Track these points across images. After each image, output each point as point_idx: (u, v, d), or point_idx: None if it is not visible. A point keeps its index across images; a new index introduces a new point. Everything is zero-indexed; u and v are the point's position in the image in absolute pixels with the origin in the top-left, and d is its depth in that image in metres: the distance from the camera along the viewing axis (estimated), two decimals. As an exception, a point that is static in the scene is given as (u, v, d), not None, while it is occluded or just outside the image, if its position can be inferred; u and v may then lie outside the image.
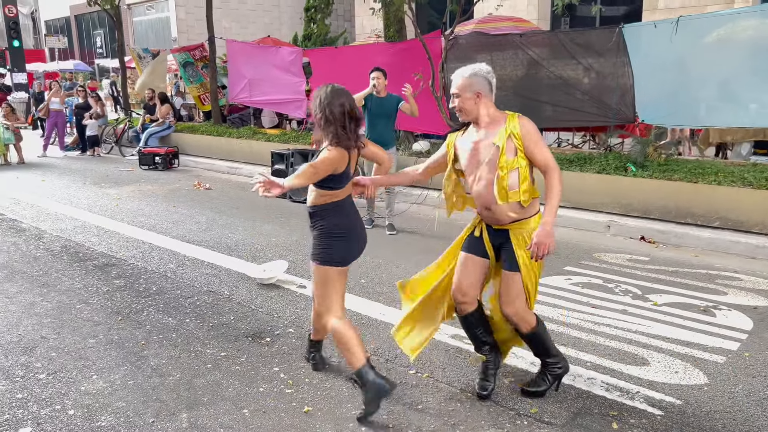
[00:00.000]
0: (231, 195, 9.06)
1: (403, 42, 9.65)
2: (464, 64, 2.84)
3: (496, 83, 3.20)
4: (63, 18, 33.66)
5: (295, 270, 5.45)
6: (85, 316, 4.40)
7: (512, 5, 15.37)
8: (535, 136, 3.03)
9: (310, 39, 19.58)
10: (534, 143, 3.01)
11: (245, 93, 12.03)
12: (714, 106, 6.99)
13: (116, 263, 5.68)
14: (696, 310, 4.50)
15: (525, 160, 3.03)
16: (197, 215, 7.64)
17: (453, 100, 3.13)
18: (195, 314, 4.46)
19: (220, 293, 4.90)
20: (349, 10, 25.51)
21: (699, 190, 6.40)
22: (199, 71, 13.79)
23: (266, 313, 4.48)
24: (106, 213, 7.74)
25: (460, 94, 3.08)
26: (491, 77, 3.11)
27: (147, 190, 9.36)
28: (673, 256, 5.88)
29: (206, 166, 11.70)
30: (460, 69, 3.13)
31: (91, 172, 11.19)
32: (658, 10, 14.19)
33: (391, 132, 6.75)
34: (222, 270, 5.49)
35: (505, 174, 3.02)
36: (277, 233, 6.78)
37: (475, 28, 9.92)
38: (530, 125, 3.04)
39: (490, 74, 3.12)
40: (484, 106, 3.09)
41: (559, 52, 7.96)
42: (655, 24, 7.23)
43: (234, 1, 26.74)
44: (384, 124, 6.59)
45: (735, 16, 7.00)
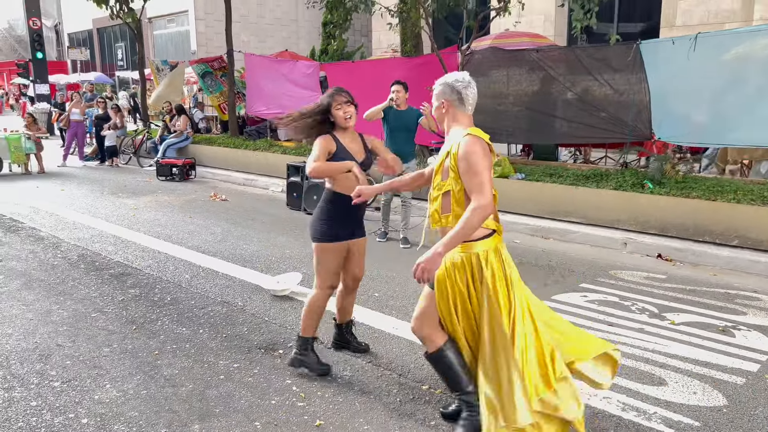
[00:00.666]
0: (246, 206, 9.11)
1: (420, 57, 9.70)
2: (480, 78, 2.87)
3: (513, 99, 3.15)
4: (86, 31, 34.27)
5: (309, 282, 5.42)
6: (100, 325, 4.43)
7: (529, 21, 15.39)
8: (471, 159, 2.71)
9: (328, 53, 19.76)
10: (466, 169, 2.72)
11: (263, 106, 12.14)
12: (732, 124, 6.92)
13: (132, 273, 5.72)
14: (715, 330, 4.43)
15: (459, 184, 2.79)
16: (213, 226, 7.69)
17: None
18: (209, 325, 4.48)
19: (234, 304, 4.91)
20: (366, 25, 25.70)
21: (718, 208, 6.32)
22: (218, 80, 13.93)
23: (279, 325, 4.48)
24: (123, 223, 7.82)
25: (435, 101, 2.98)
26: (463, 87, 2.88)
27: (164, 201, 9.44)
28: (690, 275, 5.80)
29: (223, 177, 11.79)
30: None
31: (110, 182, 11.32)
32: (676, 27, 14.12)
33: (410, 145, 6.80)
34: (236, 281, 5.51)
35: (437, 196, 2.88)
36: (292, 245, 6.80)
37: (492, 43, 9.95)
38: (472, 147, 2.74)
39: (462, 84, 2.89)
40: (451, 117, 2.93)
41: (576, 68, 7.95)
42: (673, 41, 7.20)
43: (253, 15, 27.07)
44: (403, 138, 6.63)
45: (754, 33, 6.94)
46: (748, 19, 13.06)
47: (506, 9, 8.19)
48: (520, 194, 7.79)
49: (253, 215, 8.45)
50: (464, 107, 2.90)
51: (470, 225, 2.66)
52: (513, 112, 8.62)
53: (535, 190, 7.66)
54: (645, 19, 15.73)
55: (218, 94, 14.03)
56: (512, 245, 6.87)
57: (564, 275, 5.74)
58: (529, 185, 7.75)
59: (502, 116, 8.75)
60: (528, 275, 5.65)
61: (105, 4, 14.72)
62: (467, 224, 2.66)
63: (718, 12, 13.48)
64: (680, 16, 14.20)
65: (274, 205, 9.28)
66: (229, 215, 8.41)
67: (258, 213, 8.63)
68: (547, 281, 5.54)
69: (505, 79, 8.65)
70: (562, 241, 7.04)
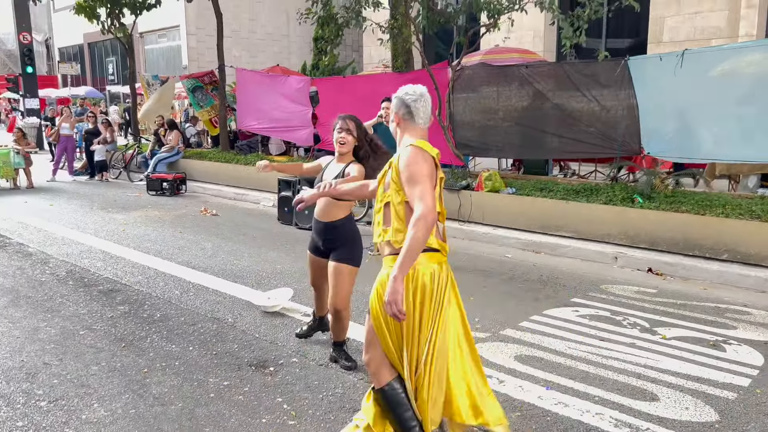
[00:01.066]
0: (237, 221, 9.07)
1: (411, 72, 9.75)
2: (470, 94, 2.87)
3: (503, 114, 3.15)
4: (77, 45, 34.23)
5: (300, 298, 5.42)
6: (88, 343, 4.38)
7: (519, 37, 15.53)
8: (411, 170, 2.62)
9: (319, 68, 19.84)
10: (407, 179, 2.63)
11: (253, 120, 12.16)
12: (719, 139, 6.99)
13: (121, 289, 5.67)
14: (706, 345, 4.44)
15: (399, 196, 2.70)
16: (203, 241, 7.65)
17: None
18: (199, 342, 4.43)
19: (224, 321, 4.87)
20: (357, 40, 25.84)
21: (707, 222, 6.36)
22: (209, 94, 13.95)
23: (270, 342, 4.44)
24: (112, 238, 7.76)
25: (391, 115, 2.93)
26: (413, 101, 2.77)
27: (154, 216, 9.39)
28: (681, 289, 5.82)
29: (213, 192, 11.76)
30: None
31: (99, 197, 11.26)
32: (663, 43, 14.31)
33: None
34: (226, 297, 5.47)
35: (379, 208, 2.81)
36: (283, 260, 6.77)
37: (482, 59, 10.03)
38: (414, 157, 2.65)
39: (411, 97, 2.78)
40: (402, 130, 2.84)
41: (565, 84, 8.02)
42: (660, 57, 7.28)
43: (244, 30, 27.17)
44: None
45: (740, 50, 7.05)
46: (734, 36, 13.26)
47: (496, 25, 8.26)
48: (511, 209, 7.81)
49: (243, 230, 8.42)
50: (414, 121, 2.79)
51: (416, 239, 2.51)
52: (503, 127, 8.66)
53: (526, 205, 7.69)
54: (633, 35, 15.92)
55: (209, 108, 14.03)
56: (504, 260, 6.88)
57: (555, 290, 5.74)
58: (520, 200, 7.77)
59: (492, 131, 8.79)
60: (519, 290, 5.67)
61: (96, 20, 14.73)
62: (413, 240, 2.51)
63: (705, 28, 13.68)
64: (667, 33, 14.39)
65: (265, 219, 9.26)
66: (220, 230, 8.37)
67: (249, 228, 8.60)
68: (539, 296, 5.54)
69: (495, 95, 8.70)
70: (553, 256, 7.05)
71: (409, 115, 2.79)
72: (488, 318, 4.90)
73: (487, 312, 5.02)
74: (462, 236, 8.01)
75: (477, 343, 4.38)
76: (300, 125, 11.34)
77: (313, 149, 12.17)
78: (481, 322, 4.82)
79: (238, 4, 26.28)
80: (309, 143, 11.76)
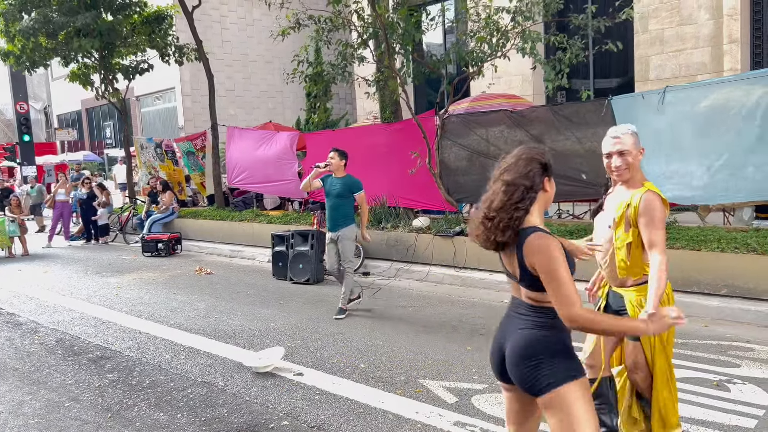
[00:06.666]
0: (232, 279, 9.00)
1: (399, 122, 9.86)
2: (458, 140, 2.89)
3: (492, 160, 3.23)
4: (74, 111, 34.84)
5: (293, 356, 5.31)
6: (73, 415, 4.25)
7: (507, 82, 15.78)
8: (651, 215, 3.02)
9: (314, 123, 20.10)
10: (646, 223, 3.08)
11: (244, 177, 12.24)
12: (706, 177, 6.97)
13: (111, 356, 5.56)
14: (709, 385, 4.31)
15: (633, 237, 3.09)
16: (196, 302, 7.55)
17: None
18: (188, 408, 4.31)
19: (214, 384, 4.75)
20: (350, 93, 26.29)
21: (702, 257, 6.29)
22: (199, 161, 14.14)
23: (261, 405, 4.32)
24: (105, 303, 7.67)
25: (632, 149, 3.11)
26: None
27: (148, 278, 9.32)
28: (681, 327, 5.68)
29: (209, 250, 11.72)
30: None
31: (94, 261, 11.21)
32: (650, 81, 14.52)
33: (347, 210, 6.60)
34: (218, 359, 5.35)
35: (621, 246, 3.15)
36: (276, 317, 6.66)
37: (469, 106, 10.16)
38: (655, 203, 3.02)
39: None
40: (638, 167, 3.16)
41: (551, 126, 8.07)
42: (642, 95, 7.36)
43: (239, 89, 27.68)
44: (339, 203, 6.55)
45: (721, 85, 7.12)
46: (719, 70, 13.45)
47: (479, 73, 8.39)
48: (506, 253, 7.73)
49: (238, 288, 8.33)
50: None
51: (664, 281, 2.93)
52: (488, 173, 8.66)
53: (520, 248, 7.62)
54: (620, 75, 16.20)
55: (200, 173, 14.23)
56: (501, 305, 6.76)
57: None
58: (514, 243, 7.70)
59: (482, 176, 8.79)
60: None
61: (90, 86, 15.02)
62: (662, 282, 2.91)
63: (690, 65, 13.90)
64: (653, 71, 14.62)
65: (261, 275, 9.18)
66: (214, 289, 8.29)
67: (243, 285, 8.51)
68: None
69: (483, 141, 8.75)
70: (550, 299, 6.94)
71: (643, 149, 3.08)
72: (486, 367, 4.77)
73: (484, 361, 4.89)
74: (458, 283, 7.92)
75: (474, 395, 4.28)
76: (290, 179, 11.39)
77: (306, 201, 12.21)
78: (479, 372, 4.69)
79: (231, 64, 26.87)
80: (301, 196, 11.81)
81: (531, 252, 2.23)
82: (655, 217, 2.95)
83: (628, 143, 3.04)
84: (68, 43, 13.87)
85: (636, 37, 14.17)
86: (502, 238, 2.29)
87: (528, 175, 2.31)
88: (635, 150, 3.05)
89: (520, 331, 2.32)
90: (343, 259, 6.63)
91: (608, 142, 3.12)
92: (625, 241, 3.07)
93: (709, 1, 13.04)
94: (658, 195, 3.01)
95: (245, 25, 27.10)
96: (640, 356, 3.11)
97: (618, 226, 3.09)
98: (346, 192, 6.54)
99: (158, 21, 14.43)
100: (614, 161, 3.09)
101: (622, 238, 3.09)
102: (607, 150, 3.13)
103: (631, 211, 3.03)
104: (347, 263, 6.63)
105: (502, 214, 2.28)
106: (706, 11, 13.21)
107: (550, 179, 2.38)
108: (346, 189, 6.54)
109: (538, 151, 2.41)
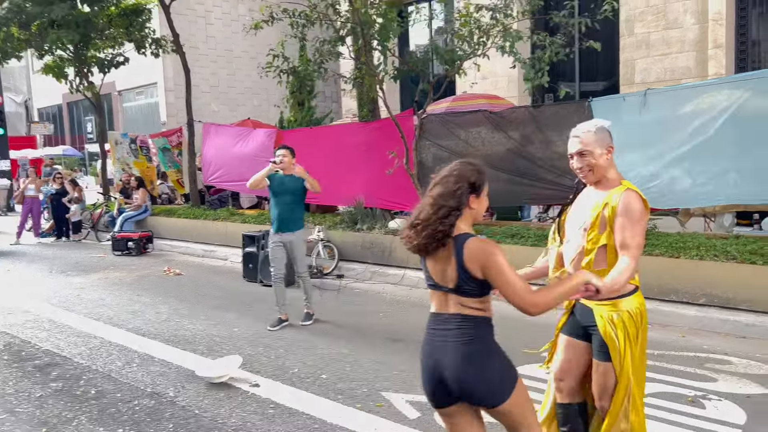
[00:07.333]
0: (200, 281, 8.69)
1: (377, 121, 9.61)
2: (436, 142, 2.68)
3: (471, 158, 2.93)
4: (56, 105, 34.22)
5: (252, 365, 5.04)
6: (5, 430, 3.95)
7: (494, 83, 15.58)
8: (631, 216, 2.77)
9: (296, 121, 19.75)
10: (622, 225, 2.81)
11: (219, 174, 11.92)
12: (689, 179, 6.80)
13: (59, 362, 5.25)
14: (684, 401, 4.10)
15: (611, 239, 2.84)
16: (160, 304, 7.25)
17: None
18: (131, 422, 4.03)
19: (164, 395, 4.46)
20: (336, 92, 26.00)
21: (681, 265, 6.10)
22: (175, 158, 13.80)
23: (210, 419, 4.04)
24: (64, 304, 7.35)
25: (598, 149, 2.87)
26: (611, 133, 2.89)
27: (114, 278, 8.99)
28: (658, 337, 5.50)
29: (182, 249, 11.39)
30: None
31: (62, 259, 10.84)
32: (635, 84, 14.37)
33: (297, 212, 6.27)
34: (172, 367, 5.07)
35: (591, 249, 2.88)
36: (240, 322, 6.39)
37: (450, 106, 9.92)
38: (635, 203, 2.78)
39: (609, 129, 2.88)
40: (610, 164, 2.89)
41: (530, 127, 7.86)
42: (624, 97, 7.17)
43: (223, 85, 27.26)
44: (288, 204, 6.16)
45: (703, 88, 6.94)
46: (704, 75, 13.33)
47: (459, 72, 8.16)
48: (482, 257, 7.51)
49: (205, 290, 8.03)
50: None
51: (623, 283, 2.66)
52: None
53: (497, 253, 7.40)
54: (606, 78, 16.06)
55: (176, 170, 13.90)
56: (474, 312, 6.53)
57: (527, 343, 5.38)
58: (491, 247, 7.48)
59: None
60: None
61: (65, 79, 14.62)
62: (621, 282, 2.64)
63: (675, 69, 13.78)
64: (638, 74, 14.49)
65: (231, 277, 8.89)
66: (181, 291, 7.99)
67: (211, 287, 8.22)
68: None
69: (461, 142, 8.53)
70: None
71: (612, 146, 2.80)
72: (451, 380, 4.54)
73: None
74: (433, 288, 7.69)
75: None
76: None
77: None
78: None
79: (216, 60, 26.44)
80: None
81: (472, 254, 2.29)
82: (634, 219, 2.67)
83: (589, 142, 2.78)
84: (42, 35, 13.48)
85: (621, 40, 14.03)
86: (425, 245, 2.37)
87: (455, 194, 2.36)
88: (600, 149, 2.77)
89: (462, 347, 2.35)
90: (298, 265, 6.28)
91: (570, 141, 2.87)
92: (597, 243, 2.77)
93: (694, 6, 12.91)
94: (639, 195, 2.74)
95: (230, 21, 26.65)
96: (610, 381, 2.80)
97: (592, 229, 2.79)
98: (300, 189, 6.18)
99: (136, 14, 14.06)
100: (575, 162, 2.85)
101: (594, 240, 2.78)
102: (569, 150, 2.88)
103: (608, 211, 2.73)
104: (303, 269, 6.31)
105: (427, 226, 2.36)
106: (691, 16, 13.09)
107: (478, 196, 2.42)
108: (299, 185, 6.15)
109: (471, 168, 2.44)
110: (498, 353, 2.41)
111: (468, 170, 2.41)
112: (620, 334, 2.73)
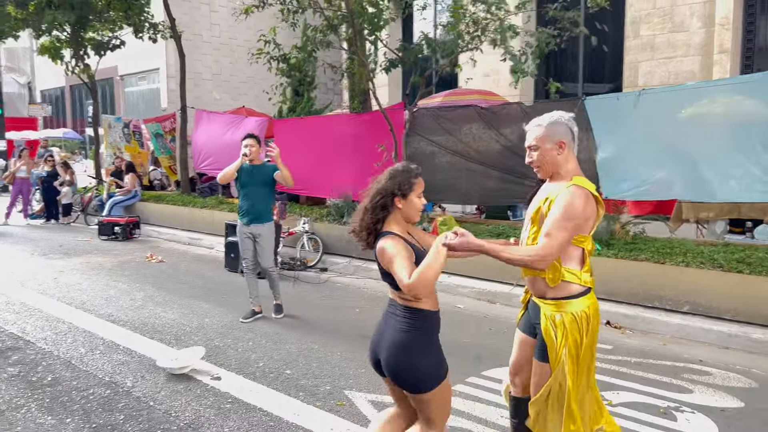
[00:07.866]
0: (181, 268, 8.56)
1: (368, 113, 9.45)
2: (426, 136, 2.59)
3: (459, 158, 3.01)
4: (59, 88, 34.11)
5: (216, 357, 4.91)
6: (-50, 414, 3.83)
7: (496, 81, 15.38)
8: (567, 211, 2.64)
9: (295, 111, 19.59)
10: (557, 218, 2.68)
11: (210, 161, 11.78)
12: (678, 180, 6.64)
13: (21, 347, 5.13)
14: (655, 412, 3.95)
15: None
16: (136, 291, 7.12)
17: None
18: (81, 412, 3.89)
19: (121, 385, 4.33)
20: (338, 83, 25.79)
21: (666, 271, 5.93)
22: (168, 144, 13.65)
23: (164, 412, 3.91)
24: (39, 288, 7.22)
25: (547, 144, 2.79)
26: (573, 125, 2.79)
27: (95, 263, 8.86)
28: (638, 345, 5.35)
29: (168, 236, 11.26)
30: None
31: (47, 242, 10.72)
32: (638, 87, 14.16)
33: (267, 203, 6.04)
34: (135, 356, 4.94)
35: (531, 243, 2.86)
36: (213, 312, 6.25)
37: (443, 101, 9.75)
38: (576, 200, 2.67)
39: (571, 122, 2.79)
40: (565, 160, 2.80)
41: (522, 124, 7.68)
42: (617, 97, 7.00)
43: (225, 73, 27.09)
44: (258, 195, 5.93)
45: (697, 90, 6.77)
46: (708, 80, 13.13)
47: (452, 65, 7.99)
48: (467, 256, 7.36)
49: (185, 278, 7.90)
50: (574, 149, 2.76)
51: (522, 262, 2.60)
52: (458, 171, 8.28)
53: (481, 252, 7.24)
54: (610, 80, 15.86)
55: (168, 156, 13.74)
56: (454, 311, 6.39)
57: (500, 345, 5.24)
58: (476, 246, 7.33)
59: (448, 175, 8.41)
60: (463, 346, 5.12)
61: (60, 60, 14.49)
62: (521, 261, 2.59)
63: (679, 73, 13.56)
64: (642, 77, 14.27)
65: (213, 266, 8.76)
66: (159, 278, 7.85)
67: (191, 275, 8.09)
68: (482, 353, 5.04)
69: (452, 137, 8.36)
70: (506, 306, 6.57)
71: (573, 142, 2.73)
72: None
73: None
74: (415, 285, 7.54)
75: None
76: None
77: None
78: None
79: (219, 47, 26.26)
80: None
81: (378, 252, 2.58)
82: (565, 211, 2.54)
83: (537, 136, 2.73)
84: (39, 14, 13.32)
85: (627, 42, 13.82)
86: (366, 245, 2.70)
87: (377, 205, 2.61)
88: (549, 143, 2.69)
89: (396, 333, 2.57)
90: (265, 260, 6.03)
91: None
92: (537, 239, 2.67)
93: (702, 9, 12.69)
94: (586, 191, 2.60)
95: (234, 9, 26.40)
96: (544, 381, 2.68)
97: (533, 224, 2.72)
98: (269, 180, 5.92)
99: (135, -3, 13.86)
100: (527, 155, 2.80)
101: (534, 235, 2.70)
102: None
103: (546, 207, 2.64)
104: (269, 263, 6.08)
105: (363, 230, 2.69)
106: (698, 19, 12.86)
107: (405, 197, 2.60)
108: (268, 176, 5.90)
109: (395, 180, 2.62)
110: (432, 347, 2.60)
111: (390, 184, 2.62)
112: (559, 335, 2.61)
